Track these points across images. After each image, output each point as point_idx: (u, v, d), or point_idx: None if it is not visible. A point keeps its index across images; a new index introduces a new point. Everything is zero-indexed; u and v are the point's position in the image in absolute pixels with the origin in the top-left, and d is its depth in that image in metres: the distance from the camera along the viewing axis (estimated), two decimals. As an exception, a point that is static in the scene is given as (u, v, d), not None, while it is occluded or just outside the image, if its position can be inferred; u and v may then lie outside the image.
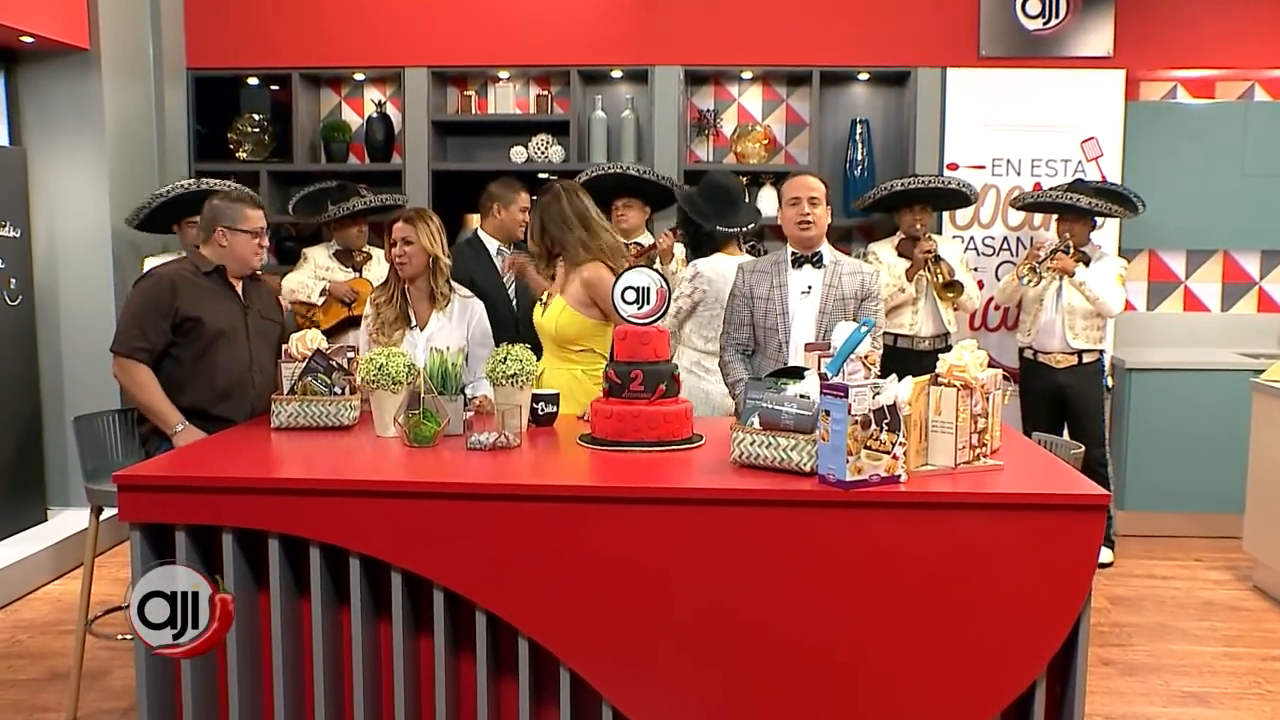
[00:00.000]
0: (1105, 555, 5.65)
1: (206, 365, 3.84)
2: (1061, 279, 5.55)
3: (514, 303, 4.90)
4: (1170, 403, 6.04)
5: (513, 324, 4.72)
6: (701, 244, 4.68)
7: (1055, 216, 5.80)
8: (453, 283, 4.26)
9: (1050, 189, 5.90)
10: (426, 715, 3.15)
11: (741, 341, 4.09)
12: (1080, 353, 5.61)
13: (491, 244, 5.00)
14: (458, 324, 4.18)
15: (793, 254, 4.04)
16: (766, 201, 6.15)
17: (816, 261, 4.03)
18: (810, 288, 4.02)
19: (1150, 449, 6.06)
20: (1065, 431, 5.71)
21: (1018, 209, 6.00)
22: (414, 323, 4.16)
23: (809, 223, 3.95)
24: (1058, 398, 5.68)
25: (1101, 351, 5.68)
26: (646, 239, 5.51)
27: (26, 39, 5.56)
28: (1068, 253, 5.54)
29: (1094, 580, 2.88)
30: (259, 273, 4.12)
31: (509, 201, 4.96)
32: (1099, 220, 5.74)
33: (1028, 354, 5.76)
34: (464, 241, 5.20)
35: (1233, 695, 4.19)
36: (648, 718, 2.95)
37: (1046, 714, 2.92)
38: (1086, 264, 5.57)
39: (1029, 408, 5.74)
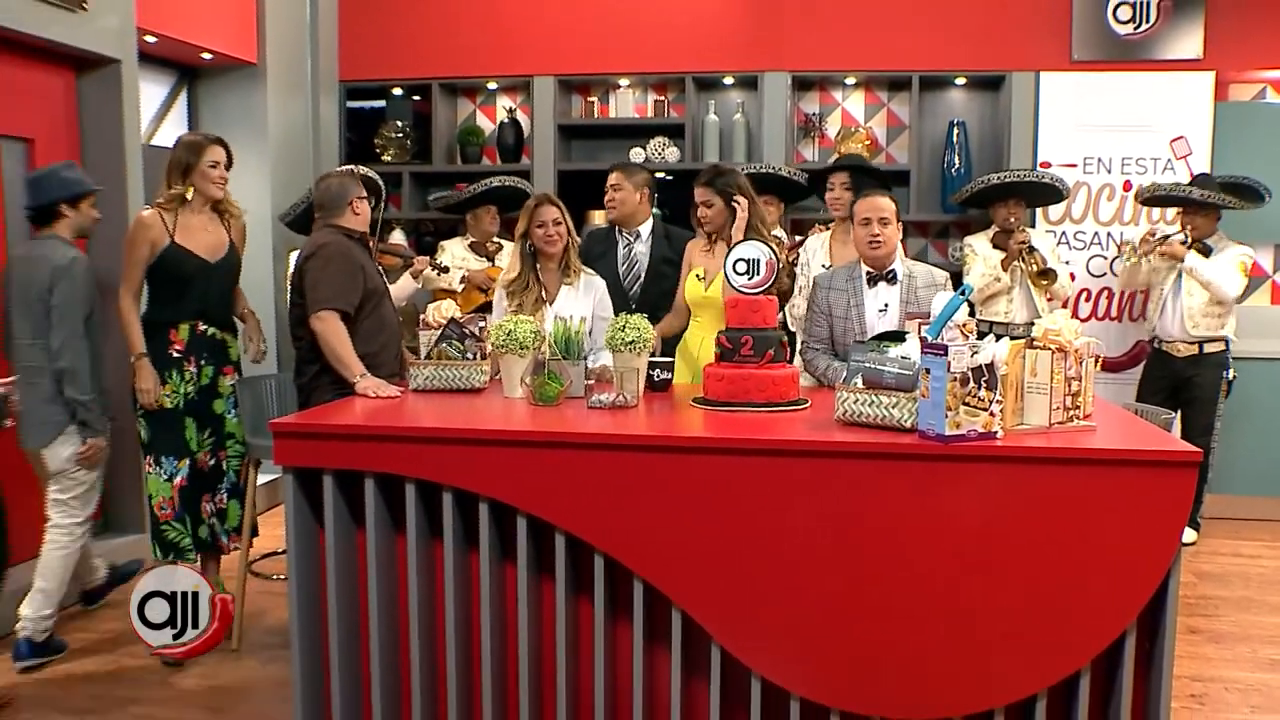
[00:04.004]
0: (1188, 535, 5.38)
1: (374, 323, 3.86)
2: (1179, 270, 5.33)
3: (626, 287, 4.67)
4: (1261, 391, 5.77)
5: (624, 305, 4.57)
6: None
7: (1179, 210, 5.55)
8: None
9: (1174, 184, 5.64)
10: (548, 650, 3.11)
11: (823, 339, 3.94)
12: (1202, 342, 5.36)
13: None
14: (583, 297, 4.12)
15: (867, 272, 3.90)
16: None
17: (890, 278, 3.87)
18: (887, 306, 3.86)
19: (1240, 434, 5.78)
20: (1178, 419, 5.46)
21: (1143, 203, 5.73)
22: (545, 298, 4.11)
23: (879, 242, 3.80)
24: (1175, 385, 5.42)
25: (1226, 342, 5.39)
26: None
27: (206, 55, 5.73)
28: (1184, 243, 5.32)
29: (1180, 555, 2.73)
30: None
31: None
32: (1221, 215, 5.44)
33: (1154, 343, 5.55)
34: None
35: (1319, 664, 3.98)
36: (754, 657, 2.88)
37: (1136, 668, 2.79)
38: (1207, 255, 5.33)
39: (1146, 394, 5.45)
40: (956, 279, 4.57)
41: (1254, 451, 5.83)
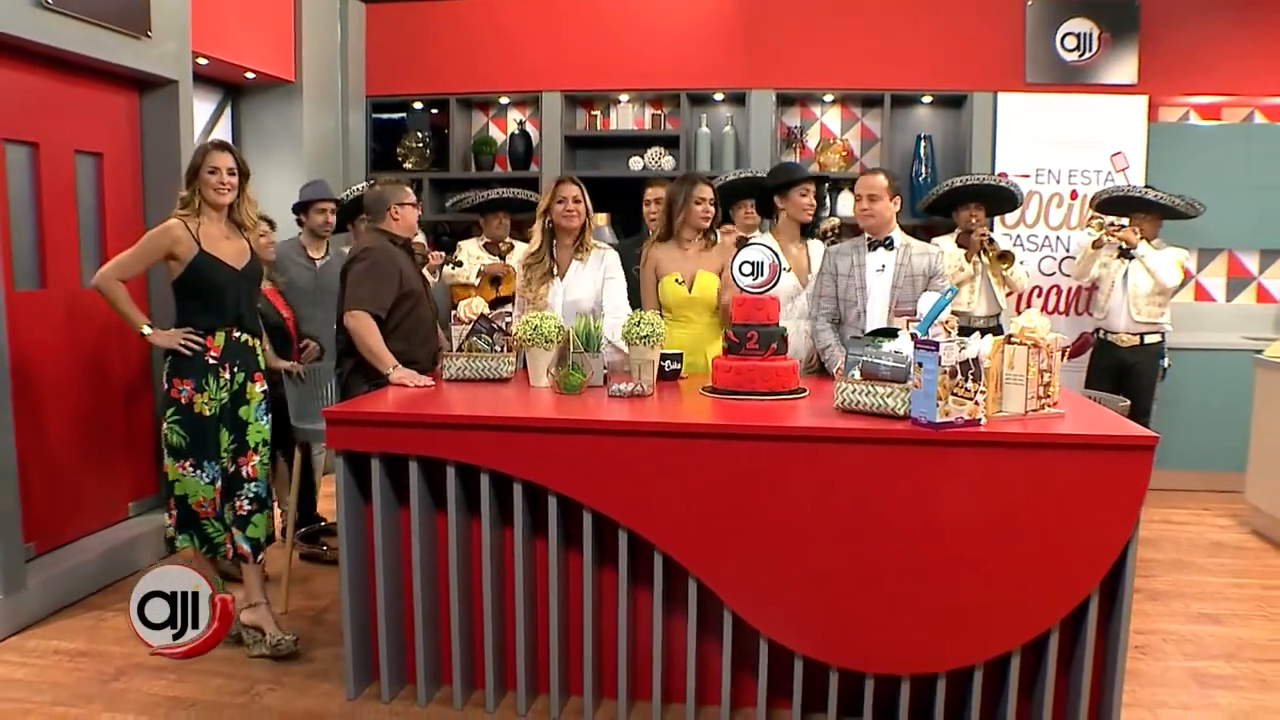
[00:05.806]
0: (1128, 506, 5.41)
1: (412, 321, 3.77)
2: (1128, 263, 5.34)
3: None
4: (1189, 378, 5.79)
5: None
6: (811, 230, 4.36)
7: (1129, 221, 5.51)
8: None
9: (1130, 185, 5.71)
10: (575, 617, 3.09)
11: (829, 311, 3.95)
12: (1143, 335, 5.38)
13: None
14: (593, 269, 3.97)
15: (868, 239, 3.92)
16: (845, 205, 5.99)
17: (888, 245, 3.89)
18: (884, 266, 3.88)
19: (1168, 416, 5.78)
20: None
21: (1098, 206, 5.63)
22: (555, 272, 3.96)
23: (869, 215, 3.86)
24: (1119, 372, 5.43)
25: (1162, 335, 5.42)
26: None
27: (249, 75, 5.65)
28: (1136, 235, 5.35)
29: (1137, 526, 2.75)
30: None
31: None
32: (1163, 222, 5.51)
33: (1100, 334, 5.56)
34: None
35: (1241, 616, 4.04)
36: (762, 620, 2.87)
37: (1098, 624, 2.81)
38: None
39: (1093, 380, 5.46)
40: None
41: (1183, 431, 5.83)
